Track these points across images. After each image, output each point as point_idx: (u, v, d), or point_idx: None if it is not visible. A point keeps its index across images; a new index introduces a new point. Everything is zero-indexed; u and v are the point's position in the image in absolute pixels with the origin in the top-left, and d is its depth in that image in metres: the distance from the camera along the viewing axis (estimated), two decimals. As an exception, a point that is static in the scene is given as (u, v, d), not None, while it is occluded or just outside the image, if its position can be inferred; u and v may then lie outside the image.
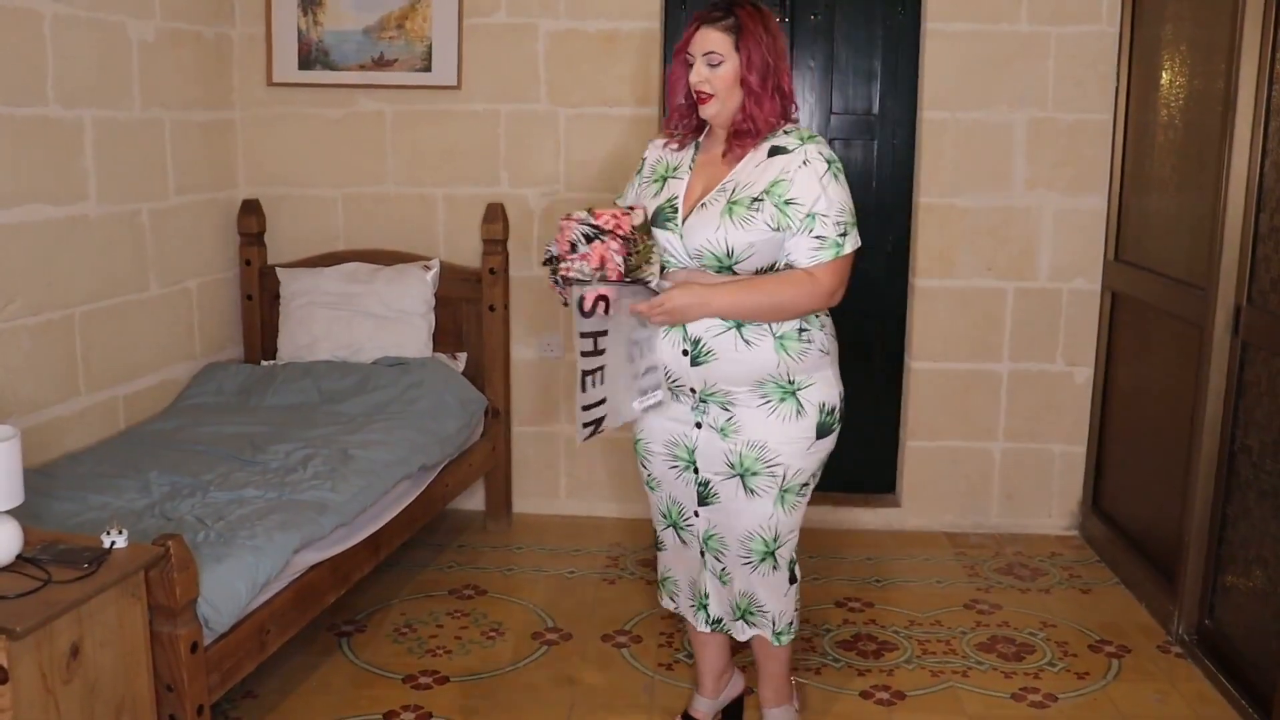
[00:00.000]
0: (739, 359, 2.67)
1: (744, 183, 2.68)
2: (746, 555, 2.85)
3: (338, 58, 4.61)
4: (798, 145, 2.69)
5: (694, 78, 2.68)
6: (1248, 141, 3.39)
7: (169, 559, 2.46)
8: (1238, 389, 3.47)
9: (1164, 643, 3.74)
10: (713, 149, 2.80)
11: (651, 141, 2.96)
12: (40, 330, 3.53)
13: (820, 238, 2.64)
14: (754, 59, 2.65)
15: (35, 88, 3.50)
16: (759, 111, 2.67)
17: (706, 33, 2.67)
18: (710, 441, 2.78)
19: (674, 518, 2.95)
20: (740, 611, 2.94)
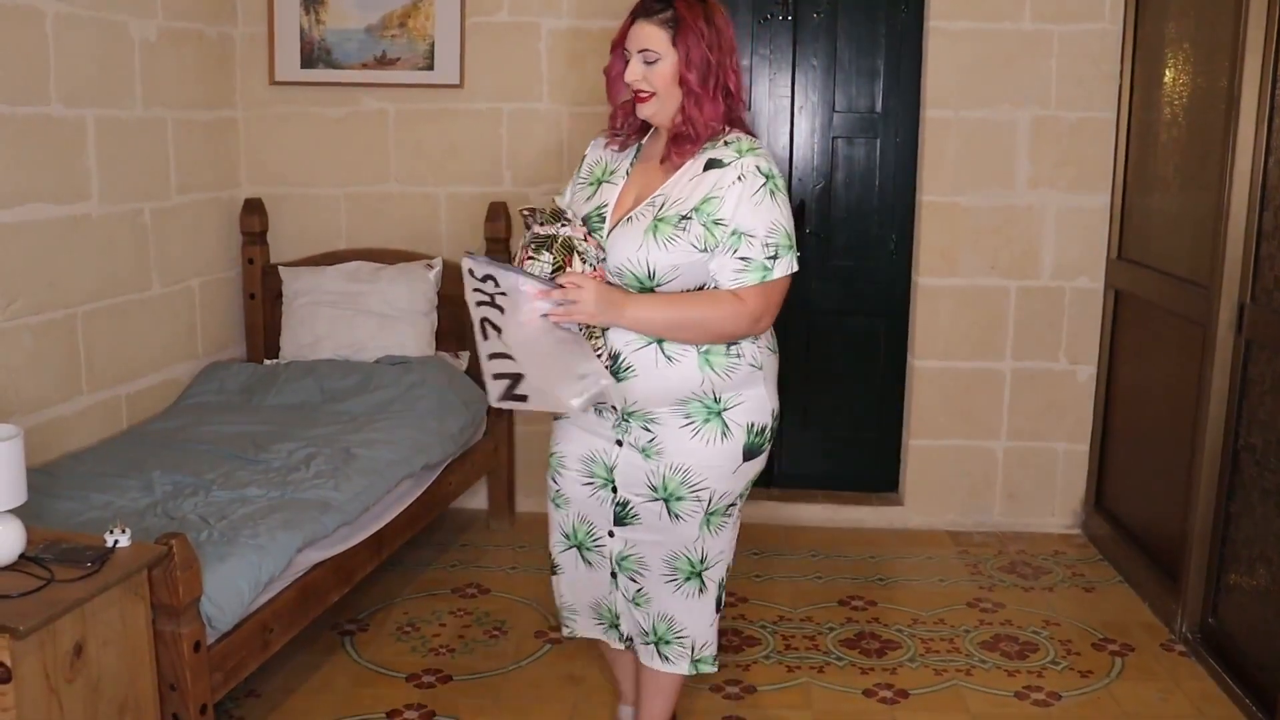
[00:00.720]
0: (660, 376, 2.49)
1: (674, 198, 2.48)
2: (671, 574, 2.67)
3: (340, 56, 4.61)
4: (735, 159, 2.48)
5: (629, 76, 2.50)
6: (1251, 140, 3.38)
7: (172, 558, 2.46)
8: (1241, 387, 3.47)
9: (1167, 641, 3.74)
10: (653, 152, 2.61)
11: (595, 139, 2.75)
12: (42, 329, 3.53)
13: (745, 259, 2.44)
14: (693, 56, 2.45)
15: (37, 87, 3.50)
16: (698, 114, 2.48)
17: (641, 27, 2.48)
18: (631, 461, 2.60)
19: (580, 538, 2.75)
20: (655, 637, 2.74)
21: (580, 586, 2.82)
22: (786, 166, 4.70)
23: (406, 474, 3.66)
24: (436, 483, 3.94)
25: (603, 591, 2.79)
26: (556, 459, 2.75)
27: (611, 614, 2.81)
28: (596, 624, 2.86)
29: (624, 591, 2.75)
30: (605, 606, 2.81)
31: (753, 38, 4.64)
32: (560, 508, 2.77)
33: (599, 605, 2.82)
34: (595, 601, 2.82)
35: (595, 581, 2.78)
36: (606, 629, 2.84)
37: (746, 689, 3.40)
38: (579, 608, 2.86)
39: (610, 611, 2.81)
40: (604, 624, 2.84)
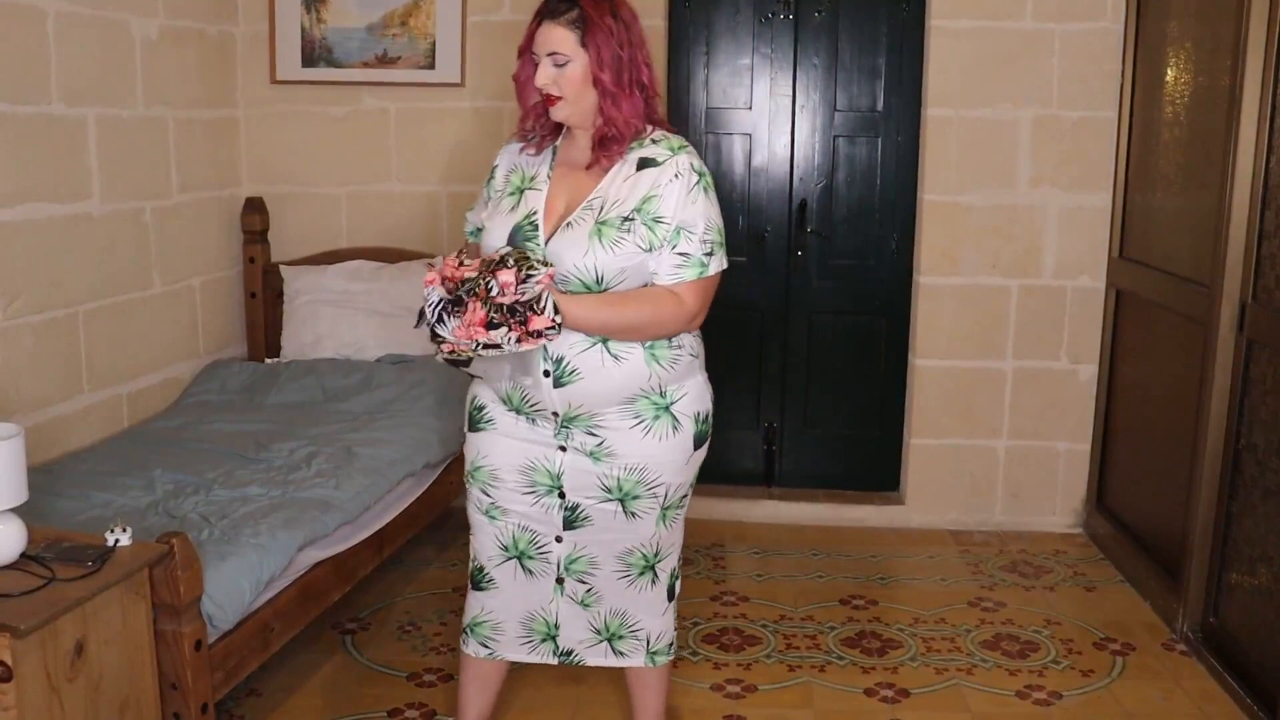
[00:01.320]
0: (607, 376, 2.44)
1: (613, 199, 2.44)
2: (624, 570, 2.64)
3: (341, 55, 4.61)
4: (668, 156, 2.45)
5: (540, 80, 2.42)
6: (1253, 139, 3.38)
7: (173, 557, 2.46)
8: (1242, 386, 3.47)
9: (1168, 640, 3.73)
10: (573, 155, 2.54)
11: (505, 146, 2.65)
12: (44, 328, 3.54)
13: (684, 254, 2.43)
14: (604, 55, 2.40)
15: (39, 86, 3.50)
16: (618, 113, 2.43)
17: (549, 29, 2.42)
18: (579, 465, 2.54)
19: (522, 548, 2.65)
20: (609, 633, 2.71)
21: (515, 600, 2.71)
22: (788, 166, 4.70)
23: (407, 473, 3.66)
24: (437, 482, 3.94)
25: (541, 601, 2.70)
26: (486, 472, 2.62)
27: (548, 626, 2.72)
28: (524, 643, 2.74)
29: (571, 594, 2.68)
30: (540, 619, 2.71)
31: (754, 37, 4.64)
32: (496, 519, 2.65)
33: (532, 619, 2.72)
34: (529, 615, 2.71)
35: (534, 592, 2.69)
36: (536, 645, 2.74)
37: (748, 688, 3.40)
38: (506, 626, 2.73)
39: (546, 623, 2.71)
40: (534, 640, 2.73)
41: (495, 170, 2.63)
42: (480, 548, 2.71)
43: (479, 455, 2.63)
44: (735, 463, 4.93)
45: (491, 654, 2.76)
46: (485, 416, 2.62)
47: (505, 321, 2.26)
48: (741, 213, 4.73)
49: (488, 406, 2.62)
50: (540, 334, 2.28)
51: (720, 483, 4.90)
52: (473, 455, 2.65)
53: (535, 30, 2.44)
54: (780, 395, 4.86)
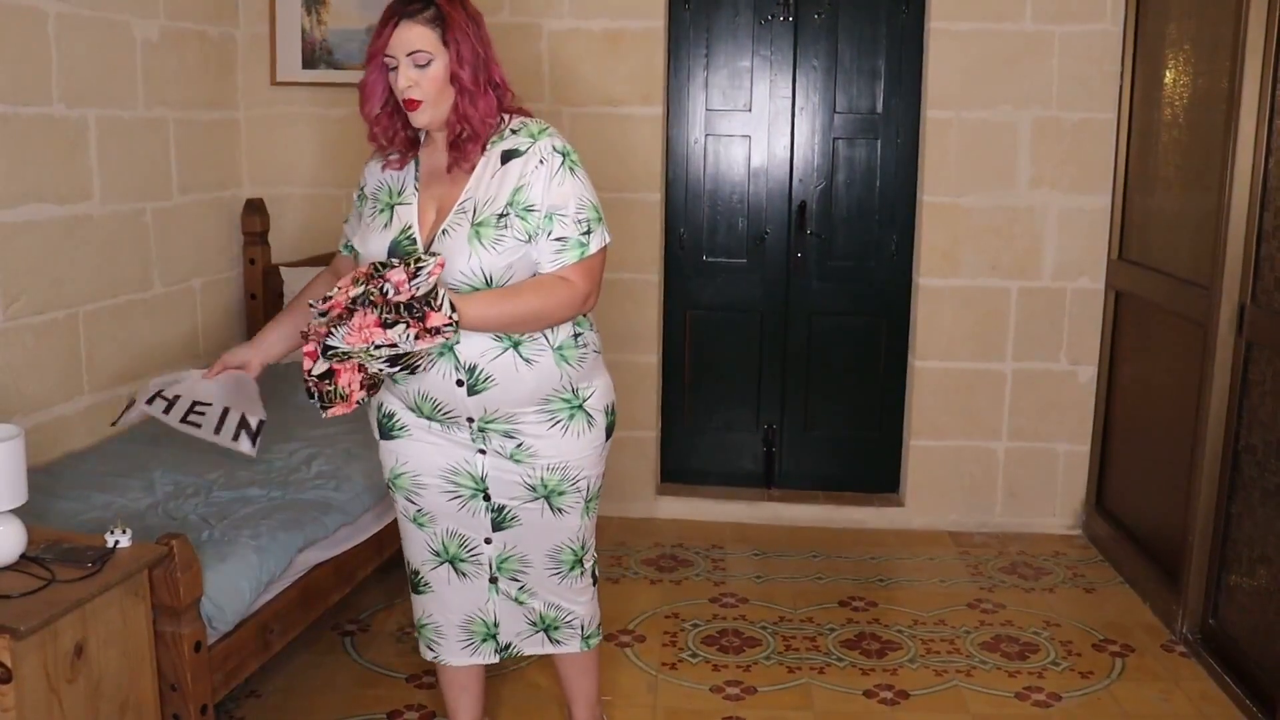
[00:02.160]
0: (520, 380, 2.45)
1: (484, 199, 2.41)
2: (555, 568, 2.69)
3: (341, 57, 4.61)
4: (530, 144, 2.43)
5: (402, 83, 2.35)
6: (1252, 140, 3.38)
7: (173, 558, 2.46)
8: (1242, 388, 3.47)
9: (1168, 642, 3.74)
10: (434, 160, 2.49)
11: (368, 164, 2.59)
12: (44, 329, 3.54)
13: (561, 239, 2.40)
14: (464, 53, 2.36)
15: (39, 87, 3.50)
16: (474, 111, 2.39)
17: (409, 28, 2.34)
18: (500, 467, 2.56)
19: (453, 552, 2.68)
20: (544, 624, 2.75)
21: (451, 603, 2.74)
22: (787, 167, 4.70)
23: (407, 474, 3.65)
24: (437, 483, 3.94)
25: (478, 602, 2.73)
26: (407, 478, 2.63)
27: (487, 625, 2.75)
28: (465, 645, 2.77)
29: (506, 592, 2.72)
30: (479, 620, 2.75)
31: (754, 39, 4.64)
32: (425, 526, 2.67)
33: (471, 621, 2.75)
34: (467, 617, 2.75)
35: (469, 593, 2.72)
36: (477, 646, 2.77)
37: (747, 690, 3.40)
38: (446, 629, 2.77)
39: (485, 623, 2.75)
40: (474, 641, 2.77)
41: (363, 189, 2.58)
42: (412, 554, 2.75)
43: (398, 463, 2.64)
44: (735, 464, 4.93)
45: (436, 656, 2.82)
46: (398, 424, 2.61)
47: (401, 319, 2.22)
48: (741, 214, 4.74)
49: (398, 413, 2.61)
50: (439, 331, 2.24)
51: (720, 484, 4.91)
52: (391, 463, 2.65)
53: (392, 31, 2.36)
54: (780, 397, 4.86)
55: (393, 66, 2.38)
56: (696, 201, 4.75)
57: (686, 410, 4.85)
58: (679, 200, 4.76)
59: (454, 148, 2.43)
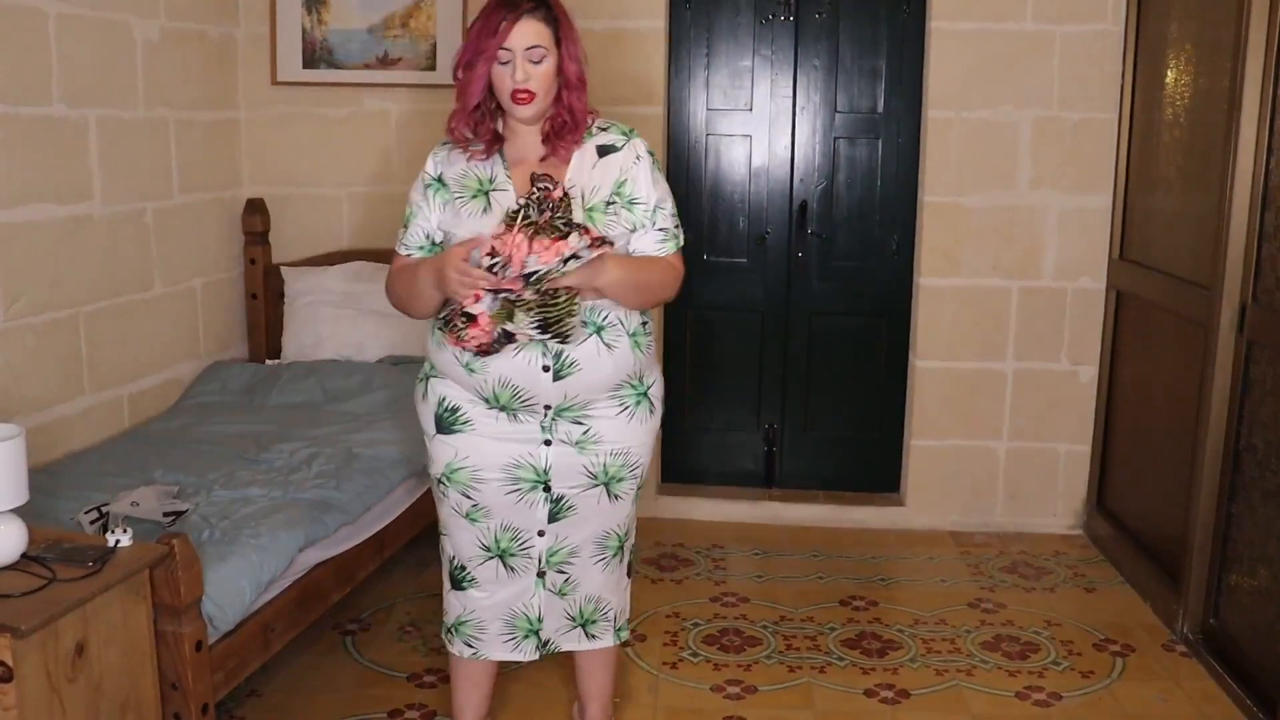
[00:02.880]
0: (602, 365, 2.51)
1: (589, 186, 2.51)
2: (600, 554, 2.73)
3: (342, 57, 4.61)
4: (624, 140, 2.58)
5: (519, 76, 2.42)
6: (1253, 140, 3.38)
7: (173, 558, 2.46)
8: (1243, 388, 3.47)
9: (1168, 642, 3.74)
10: (520, 152, 2.55)
11: (435, 155, 2.62)
12: (45, 329, 3.54)
13: (663, 230, 2.57)
14: (574, 50, 2.49)
15: (40, 87, 3.50)
16: (578, 104, 2.51)
17: (527, 24, 2.41)
18: (565, 456, 2.59)
19: (504, 546, 2.68)
20: (583, 619, 2.78)
21: (496, 598, 2.74)
22: (788, 167, 4.70)
23: (408, 474, 3.66)
24: (438, 483, 3.94)
25: (523, 597, 2.74)
26: (466, 473, 2.62)
27: (530, 621, 2.76)
28: (507, 641, 2.78)
29: (550, 586, 2.73)
30: (522, 615, 2.75)
31: (754, 38, 4.64)
32: (479, 521, 2.67)
33: (515, 616, 2.75)
34: (511, 614, 2.75)
35: (515, 588, 2.73)
36: (519, 642, 2.78)
37: (748, 689, 3.40)
38: (488, 624, 2.76)
39: (528, 619, 2.75)
40: (516, 637, 2.77)
41: (439, 179, 2.59)
42: (459, 549, 2.73)
43: (456, 457, 2.63)
44: (736, 463, 4.93)
45: (476, 654, 2.80)
46: (461, 418, 2.61)
47: (573, 229, 2.33)
48: (742, 214, 4.74)
49: (463, 408, 2.60)
50: (605, 240, 2.37)
51: (720, 483, 4.91)
52: (448, 457, 2.64)
53: (511, 27, 2.42)
54: (781, 396, 4.86)
55: (505, 61, 2.44)
56: (697, 201, 4.75)
57: (687, 410, 4.85)
58: (680, 200, 4.74)
59: (554, 138, 2.52)
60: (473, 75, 2.47)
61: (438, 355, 2.61)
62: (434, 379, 2.65)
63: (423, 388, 2.68)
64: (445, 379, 2.62)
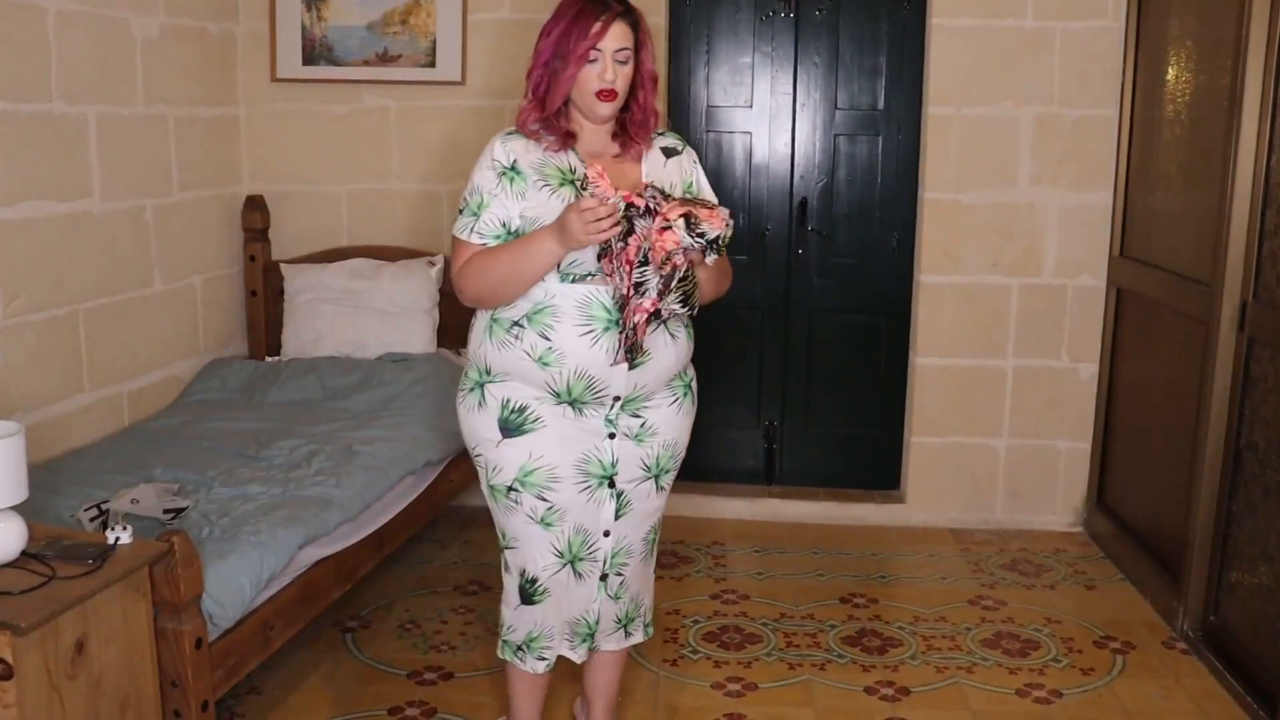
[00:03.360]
0: (668, 355, 2.58)
1: (664, 182, 2.57)
2: (645, 551, 2.76)
3: (342, 53, 4.61)
4: (681, 144, 2.70)
5: (609, 75, 2.47)
6: (1254, 137, 3.37)
7: (173, 555, 2.46)
8: (1243, 385, 3.47)
9: (1169, 639, 3.73)
10: (592, 148, 2.58)
11: (505, 144, 2.59)
12: (45, 327, 3.54)
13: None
14: (652, 51, 2.57)
15: (39, 84, 3.50)
16: (652, 102, 2.60)
17: (619, 26, 2.48)
18: (626, 450, 2.61)
19: (575, 551, 2.65)
20: (626, 619, 2.80)
21: (564, 608, 2.72)
22: (788, 164, 4.70)
23: (408, 471, 3.66)
24: (438, 480, 3.94)
25: (587, 603, 2.72)
26: (542, 474, 2.58)
27: (589, 626, 2.75)
28: (568, 643, 2.78)
29: (610, 589, 2.73)
30: (584, 621, 2.74)
31: (755, 35, 4.63)
32: (553, 525, 2.62)
33: (577, 623, 2.74)
34: (574, 619, 2.74)
35: (581, 594, 2.71)
36: (576, 645, 2.77)
37: (748, 686, 3.40)
38: (554, 633, 2.75)
39: (587, 624, 2.75)
40: (574, 642, 2.77)
41: (513, 167, 2.55)
42: (532, 559, 2.66)
43: (531, 458, 2.57)
44: (736, 461, 4.93)
45: (549, 665, 2.79)
46: (531, 416, 2.56)
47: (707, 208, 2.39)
48: (742, 211, 4.73)
49: (531, 406, 2.56)
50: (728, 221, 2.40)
51: (720, 481, 4.90)
52: (521, 460, 2.58)
53: (605, 28, 2.46)
54: (781, 393, 4.86)
55: (593, 60, 2.48)
56: (697, 198, 4.74)
57: (687, 407, 4.84)
58: (680, 197, 4.75)
59: (628, 135, 2.60)
60: (562, 75, 2.50)
61: (500, 355, 2.55)
62: (490, 384, 2.59)
63: (476, 396, 2.61)
64: (506, 380, 2.57)
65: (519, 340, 2.52)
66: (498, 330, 2.55)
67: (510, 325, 2.54)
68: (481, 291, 2.54)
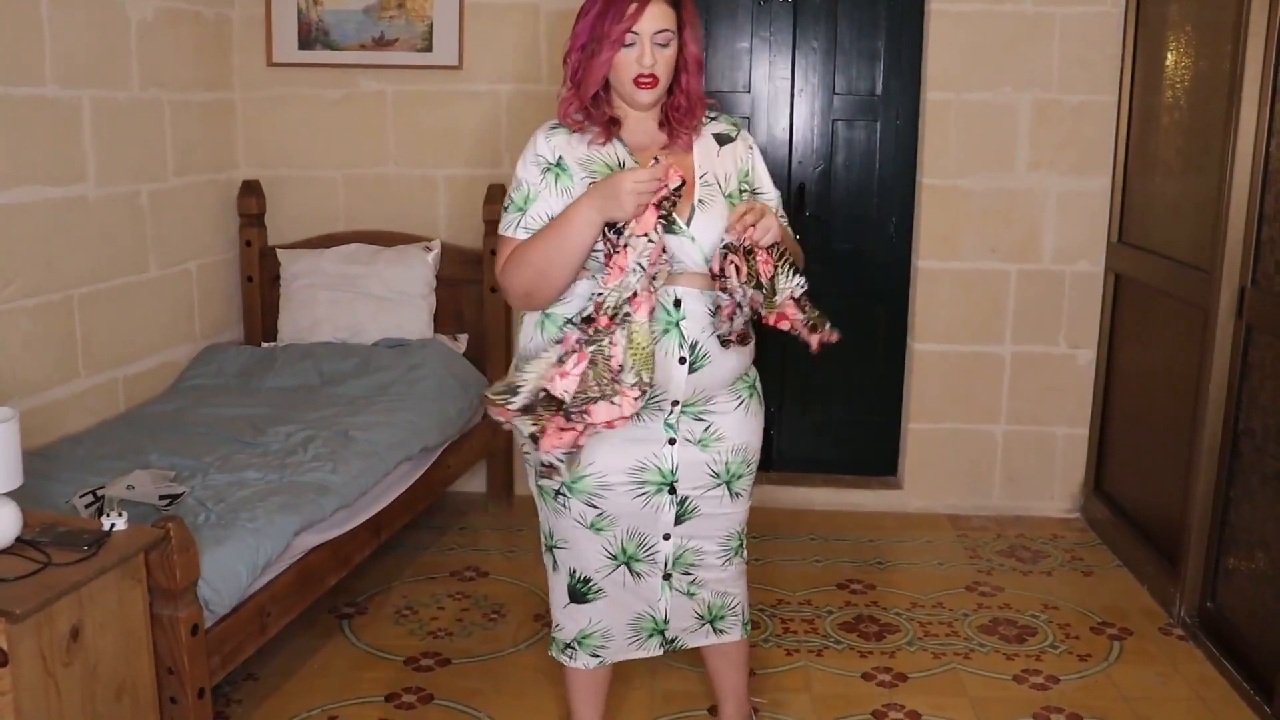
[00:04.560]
0: (729, 357, 2.48)
1: (719, 173, 2.47)
2: (725, 554, 2.66)
3: (338, 37, 4.58)
4: (735, 130, 2.57)
5: (647, 60, 2.35)
6: (1253, 123, 3.37)
7: (169, 541, 2.46)
8: (1241, 371, 3.46)
9: (1166, 625, 3.74)
10: (638, 139, 2.47)
11: (548, 139, 2.46)
12: (39, 312, 3.52)
13: (783, 216, 2.58)
14: (696, 32, 2.45)
15: (33, 68, 3.48)
16: (696, 88, 2.46)
17: (657, 7, 2.36)
18: (689, 455, 2.52)
19: (630, 552, 2.58)
20: (711, 615, 2.71)
21: (623, 606, 2.65)
22: (786, 149, 4.69)
23: (405, 457, 3.65)
24: (435, 466, 3.94)
25: (650, 600, 2.65)
26: (592, 481, 2.50)
27: (656, 621, 2.67)
28: (631, 642, 2.70)
29: (678, 587, 2.65)
30: (649, 617, 2.67)
31: (753, 20, 4.61)
32: (604, 530, 2.55)
33: (640, 619, 2.67)
34: (637, 616, 2.67)
35: (642, 593, 2.63)
36: (643, 641, 2.70)
37: (745, 672, 3.40)
38: (614, 632, 2.68)
39: (654, 619, 2.67)
40: (640, 637, 2.69)
41: (559, 163, 2.43)
42: (585, 561, 2.60)
43: (583, 465, 2.49)
44: (733, 447, 4.92)
45: (602, 662, 2.73)
46: None
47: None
48: (740, 197, 4.71)
49: None
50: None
51: (718, 467, 4.90)
52: (575, 466, 2.50)
53: (641, 9, 2.35)
54: (779, 379, 4.85)
55: (630, 44, 2.37)
56: (695, 184, 4.73)
57: (684, 393, 4.84)
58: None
59: (674, 123, 2.47)
60: (595, 60, 2.38)
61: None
62: None
63: None
64: None
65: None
66: (550, 327, 2.45)
67: (564, 323, 2.41)
68: (529, 284, 2.39)
